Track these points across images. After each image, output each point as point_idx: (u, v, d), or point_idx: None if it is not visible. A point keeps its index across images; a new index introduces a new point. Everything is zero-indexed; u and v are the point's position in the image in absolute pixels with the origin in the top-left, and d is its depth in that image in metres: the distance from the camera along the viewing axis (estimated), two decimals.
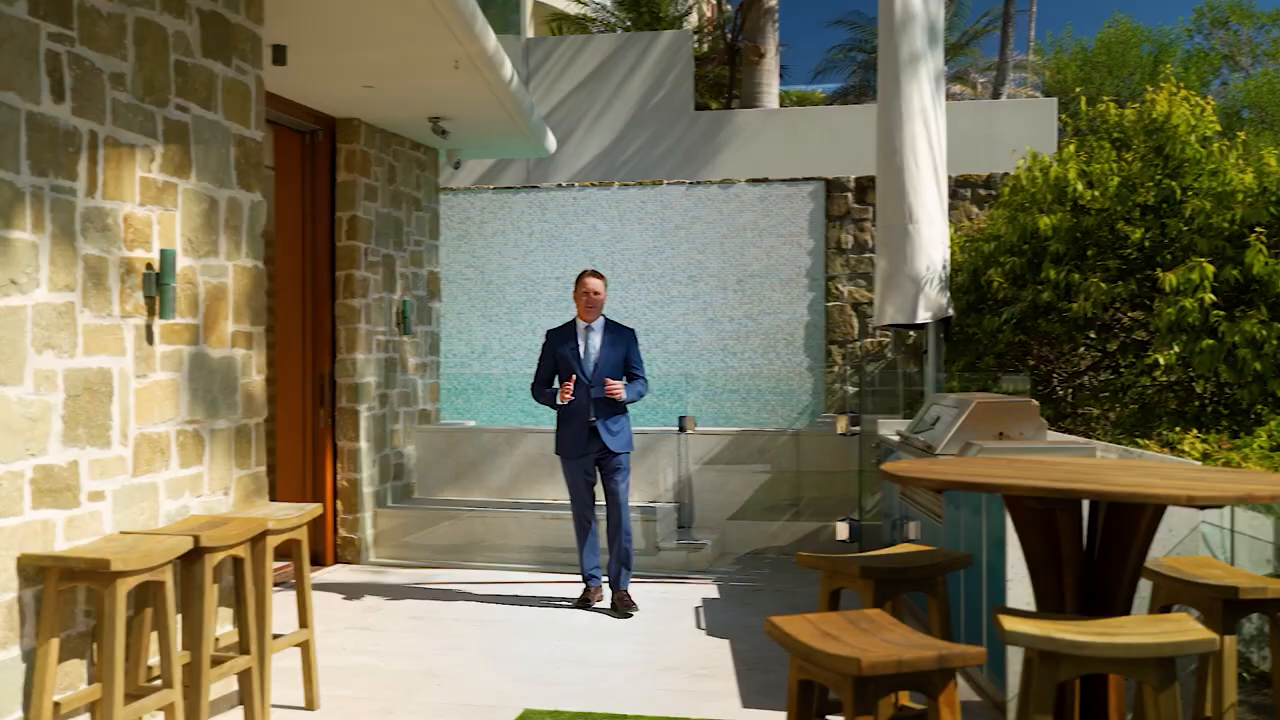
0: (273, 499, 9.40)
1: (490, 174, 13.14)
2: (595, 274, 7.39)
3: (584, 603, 7.29)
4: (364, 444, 8.63)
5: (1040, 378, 8.59)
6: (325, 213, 8.61)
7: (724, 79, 17.07)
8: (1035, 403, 6.21)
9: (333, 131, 8.63)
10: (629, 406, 7.35)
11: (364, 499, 8.65)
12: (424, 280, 9.70)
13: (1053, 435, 6.49)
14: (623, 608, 7.08)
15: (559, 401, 7.19)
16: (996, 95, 18.67)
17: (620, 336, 7.34)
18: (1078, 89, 9.23)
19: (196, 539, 4.42)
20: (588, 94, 13.51)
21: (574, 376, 7.17)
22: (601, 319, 7.36)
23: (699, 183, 11.20)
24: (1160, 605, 4.11)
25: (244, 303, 5.41)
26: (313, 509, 5.29)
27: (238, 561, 4.76)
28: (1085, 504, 3.65)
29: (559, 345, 7.29)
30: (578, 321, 7.35)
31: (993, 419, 6.15)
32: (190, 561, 4.49)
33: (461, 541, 8.77)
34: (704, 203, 11.07)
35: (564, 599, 7.47)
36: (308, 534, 8.45)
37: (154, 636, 4.59)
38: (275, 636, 5.18)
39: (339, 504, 8.61)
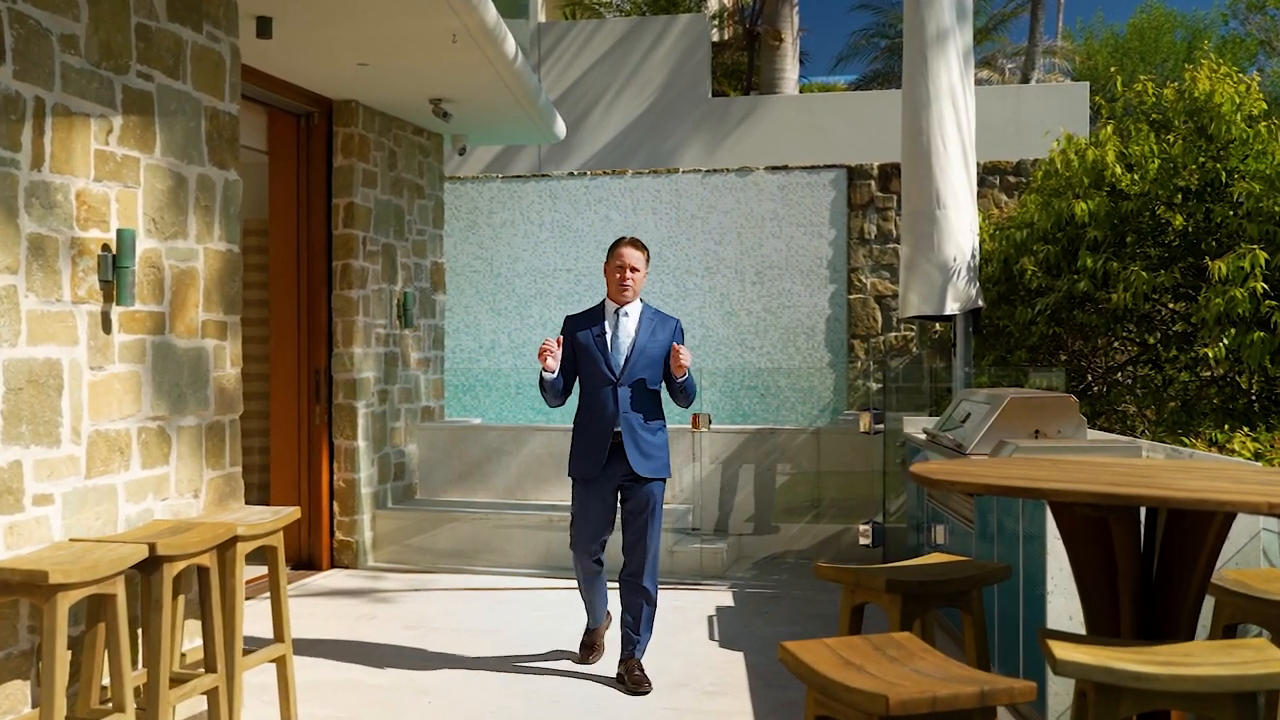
0: (266, 500, 9.03)
1: (499, 162, 12.73)
2: (634, 243, 5.62)
3: (588, 649, 5.86)
4: (362, 442, 8.23)
5: (1074, 373, 8.13)
6: (321, 199, 8.21)
7: (742, 65, 16.62)
8: (1074, 399, 5.76)
9: (329, 114, 8.23)
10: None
11: (362, 500, 8.25)
12: (427, 271, 9.29)
13: (1092, 434, 6.04)
14: (632, 683, 5.38)
15: (544, 365, 5.36)
16: (1025, 80, 18.14)
17: (663, 325, 5.59)
18: (1113, 69, 8.76)
19: (152, 547, 4.01)
20: (601, 80, 13.09)
21: (597, 370, 5.52)
22: (639, 303, 5.62)
23: (716, 171, 10.78)
24: (1224, 625, 3.65)
25: (216, 289, 5.00)
26: (289, 513, 4.88)
27: (203, 571, 4.34)
28: (1141, 512, 3.20)
29: (580, 331, 5.58)
30: (607, 303, 5.61)
31: (1028, 416, 5.71)
32: (149, 571, 4.08)
33: (464, 545, 8.36)
34: (721, 191, 10.64)
35: (567, 652, 6.04)
36: (284, 540, 8.13)
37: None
38: (248, 651, 4.78)
39: (335, 505, 8.21)
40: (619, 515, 5.60)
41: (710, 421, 8.55)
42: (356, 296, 8.17)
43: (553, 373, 5.43)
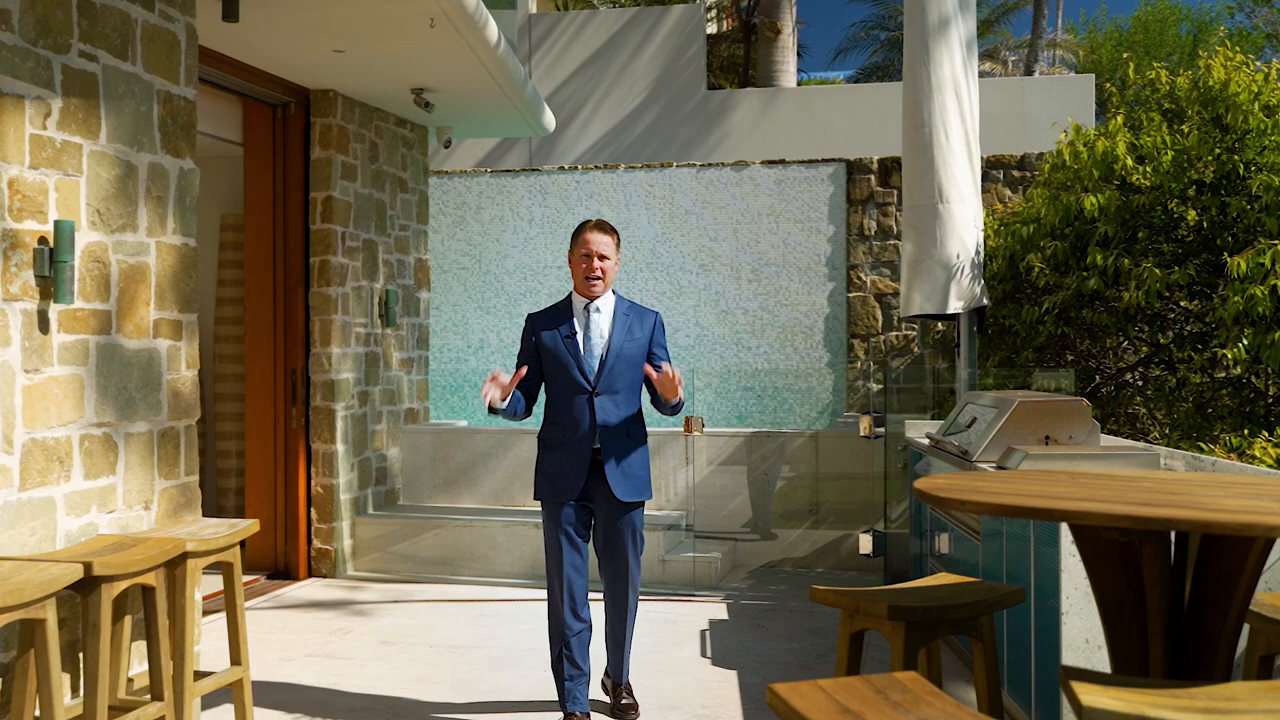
0: (240, 506, 8.70)
1: (491, 157, 12.40)
2: (601, 226, 4.83)
3: None
4: (340, 446, 7.89)
5: (1080, 374, 7.80)
6: (298, 193, 7.88)
7: (738, 58, 16.28)
8: (1086, 402, 5.43)
9: (306, 104, 7.90)
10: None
11: (340, 506, 7.92)
12: (411, 268, 8.96)
13: (1105, 439, 5.71)
14: (620, 713, 4.98)
15: (485, 398, 4.55)
16: (1029, 73, 17.79)
17: (640, 321, 4.86)
18: (1125, 54, 8.41)
19: (88, 566, 3.68)
20: (593, 72, 12.75)
21: (568, 377, 4.76)
22: (612, 295, 4.87)
23: (711, 165, 10.44)
24: (1260, 656, 3.32)
25: (170, 286, 4.66)
26: (246, 526, 4.55)
27: (148, 591, 4.01)
28: (1171, 533, 2.88)
29: (546, 331, 4.80)
30: (574, 298, 4.83)
31: (1038, 421, 5.38)
32: (86, 593, 3.75)
33: (447, 553, 8.03)
34: (716, 186, 10.30)
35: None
36: (259, 549, 7.89)
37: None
38: (203, 675, 4.45)
39: (313, 512, 7.88)
40: (594, 544, 4.94)
41: (704, 424, 8.22)
42: (335, 294, 7.84)
43: (503, 403, 4.64)
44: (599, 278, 4.75)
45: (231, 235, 8.91)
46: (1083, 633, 4.13)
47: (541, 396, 4.96)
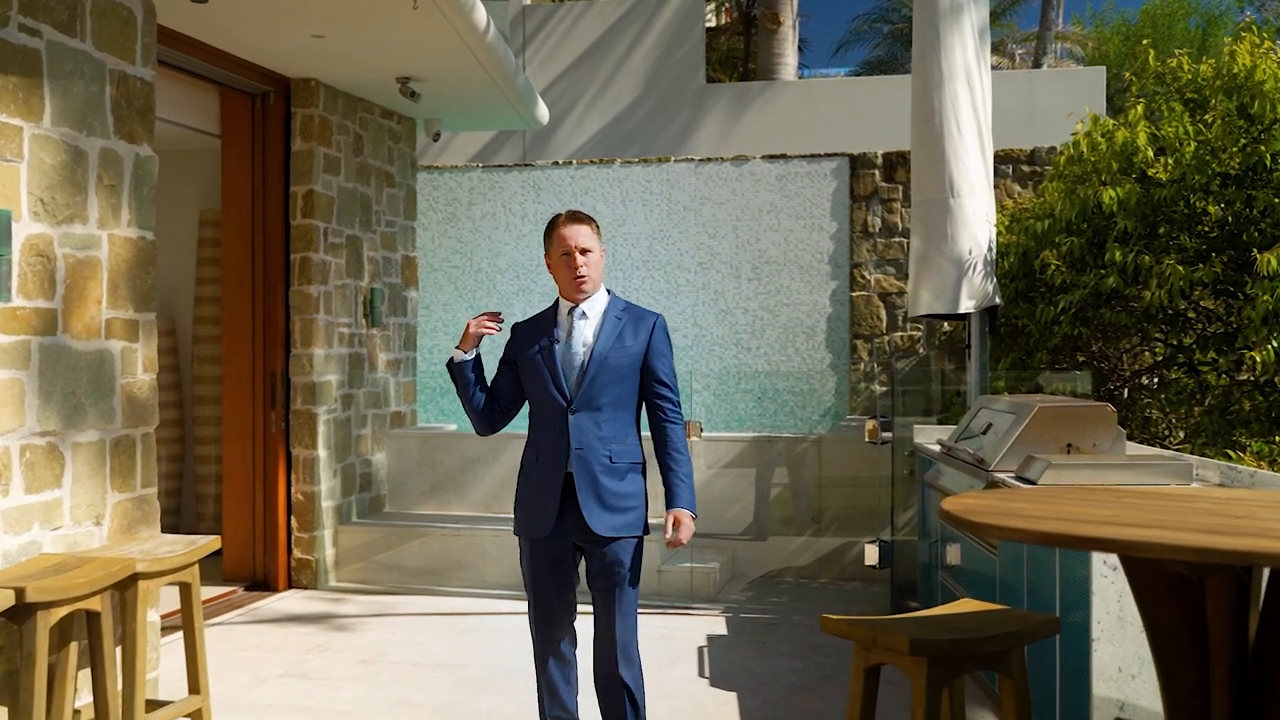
0: (218, 514, 8.34)
1: (484, 152, 12.05)
2: (576, 217, 4.11)
3: None
4: (322, 451, 7.54)
5: (1095, 376, 7.46)
6: (278, 187, 7.52)
7: (737, 52, 15.92)
8: (1110, 408, 5.09)
9: (287, 94, 7.54)
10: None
11: (322, 514, 7.56)
12: (398, 266, 8.60)
13: (1131, 447, 5.36)
14: None
15: (454, 354, 4.10)
16: (1037, 66, 17.44)
17: (636, 326, 4.08)
18: (1146, 40, 8.06)
19: (20, 592, 3.33)
20: (589, 65, 12.40)
21: (544, 392, 4.05)
22: (604, 295, 4.14)
23: (710, 160, 10.09)
24: None
25: (125, 282, 4.31)
26: (206, 543, 4.20)
27: (93, 616, 3.66)
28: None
29: (526, 343, 4.12)
30: (560, 305, 4.13)
31: (1059, 427, 5.04)
32: (20, 620, 3.40)
33: (434, 563, 7.68)
34: (715, 182, 9.95)
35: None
36: (238, 558, 7.47)
37: None
38: (158, 705, 4.10)
39: (293, 521, 7.52)
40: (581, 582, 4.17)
41: (702, 429, 7.87)
42: (317, 293, 7.49)
43: (468, 355, 4.07)
44: (585, 276, 4.02)
45: (211, 232, 8.56)
46: (1115, 660, 3.78)
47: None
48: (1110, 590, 3.75)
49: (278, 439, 7.46)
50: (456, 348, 4.07)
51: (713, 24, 17.13)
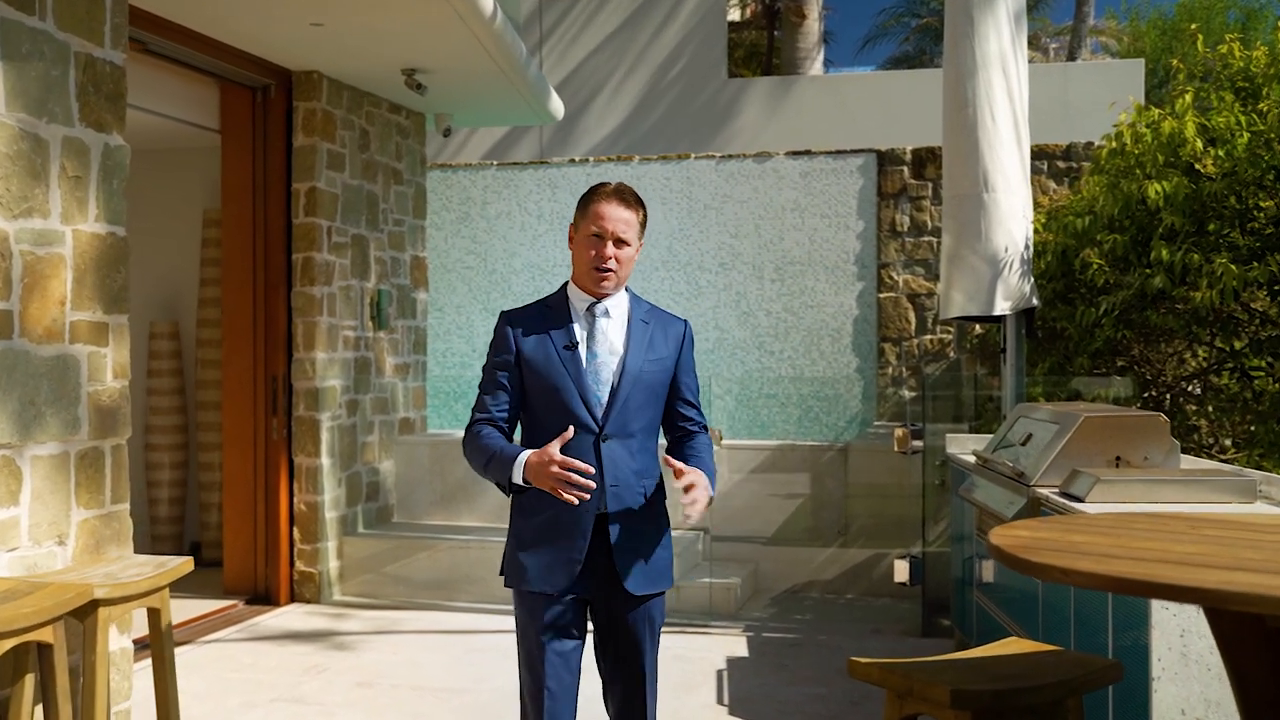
0: (219, 524, 8.02)
1: (500, 150, 11.72)
2: (623, 194, 3.28)
3: None
4: (326, 460, 7.21)
5: (1138, 383, 7.06)
6: (280, 184, 7.22)
7: (760, 48, 15.55)
8: (1163, 418, 4.70)
9: (289, 87, 7.23)
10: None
11: (325, 525, 7.24)
12: (406, 266, 8.27)
13: (1186, 460, 4.96)
14: None
15: (523, 473, 3.11)
16: (1072, 59, 16.99)
17: (665, 333, 3.36)
18: (1194, 25, 7.65)
19: None
20: (607, 60, 12.05)
21: (566, 408, 3.21)
22: (625, 294, 3.37)
23: (732, 156, 9.74)
24: None
25: (92, 282, 3.98)
26: (176, 565, 3.87)
27: (44, 649, 3.33)
28: None
29: (531, 338, 3.25)
30: (571, 294, 3.32)
31: (1107, 439, 4.65)
32: None
33: (443, 576, 7.34)
34: (737, 179, 9.60)
35: None
36: (240, 569, 7.13)
37: None
38: None
39: (295, 531, 7.20)
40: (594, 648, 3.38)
41: (722, 436, 7.50)
42: (320, 294, 7.17)
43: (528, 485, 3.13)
44: (611, 271, 3.22)
45: (215, 232, 8.25)
46: (1178, 702, 3.39)
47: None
48: (1172, 623, 3.37)
49: (279, 447, 7.15)
50: (525, 479, 3.10)
51: (735, 17, 16.74)
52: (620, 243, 3.22)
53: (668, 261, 9.64)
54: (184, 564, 3.92)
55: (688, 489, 3.12)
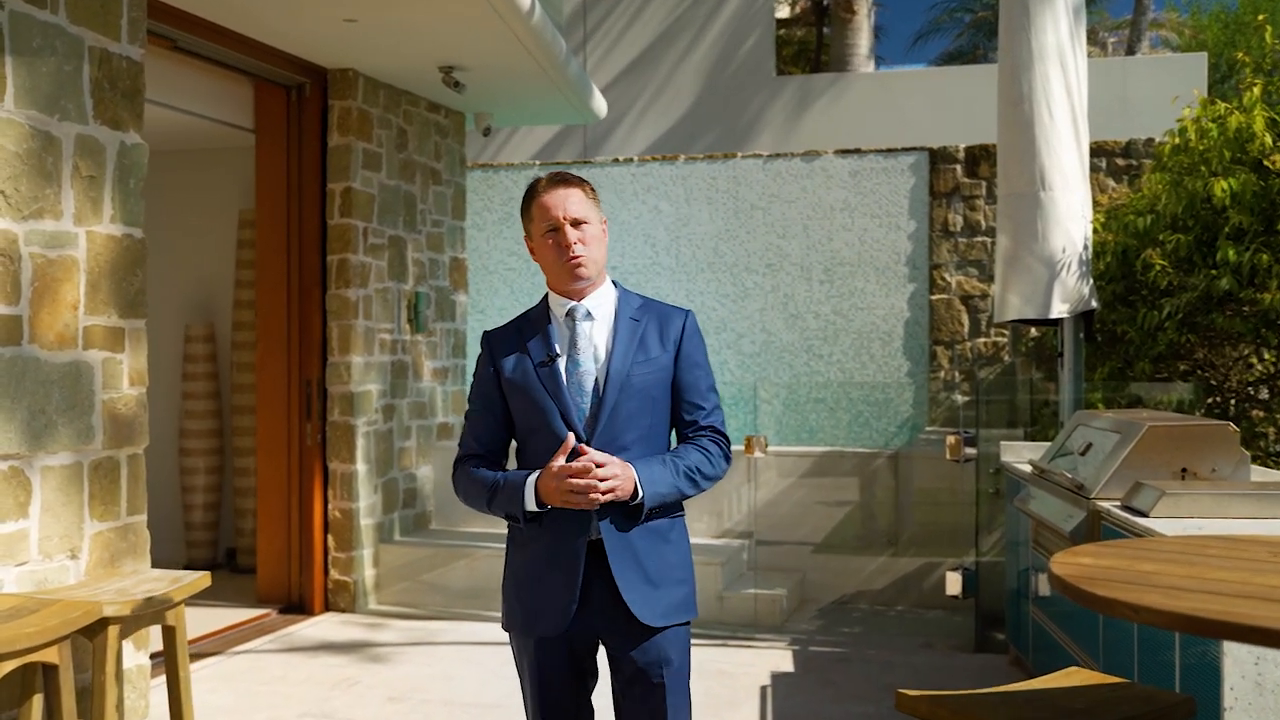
0: (254, 531, 7.90)
1: (544, 150, 11.58)
2: (563, 178, 2.99)
3: None
4: (361, 466, 7.07)
5: (1201, 389, 6.76)
6: (315, 184, 7.08)
7: (809, 44, 15.30)
8: (1232, 427, 4.44)
9: (324, 86, 7.09)
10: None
11: (361, 533, 7.09)
12: (445, 268, 8.12)
13: (1257, 472, 4.69)
14: None
15: (535, 496, 2.83)
16: (1131, 54, 16.60)
17: (663, 327, 3.01)
18: (1262, 16, 7.34)
19: None
20: (652, 58, 11.86)
21: (546, 426, 2.92)
22: (611, 289, 3.06)
23: (779, 155, 9.50)
24: None
25: (107, 285, 3.84)
26: (193, 580, 3.71)
27: (49, 670, 3.18)
28: None
29: (509, 357, 2.99)
30: (551, 301, 3.03)
31: (1172, 449, 4.40)
32: None
33: (481, 585, 7.18)
34: (785, 178, 9.36)
35: None
36: (274, 578, 6.97)
37: None
38: None
39: (330, 539, 7.07)
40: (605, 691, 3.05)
41: (767, 443, 7.28)
42: (355, 296, 7.02)
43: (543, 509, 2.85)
44: (581, 256, 2.90)
45: (250, 233, 8.15)
46: None
47: None
48: (1245, 655, 3.12)
49: (314, 452, 7.01)
50: (540, 502, 2.81)
51: (784, 14, 16.50)
52: (577, 223, 2.91)
53: (713, 263, 9.43)
54: (200, 579, 3.76)
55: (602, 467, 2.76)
